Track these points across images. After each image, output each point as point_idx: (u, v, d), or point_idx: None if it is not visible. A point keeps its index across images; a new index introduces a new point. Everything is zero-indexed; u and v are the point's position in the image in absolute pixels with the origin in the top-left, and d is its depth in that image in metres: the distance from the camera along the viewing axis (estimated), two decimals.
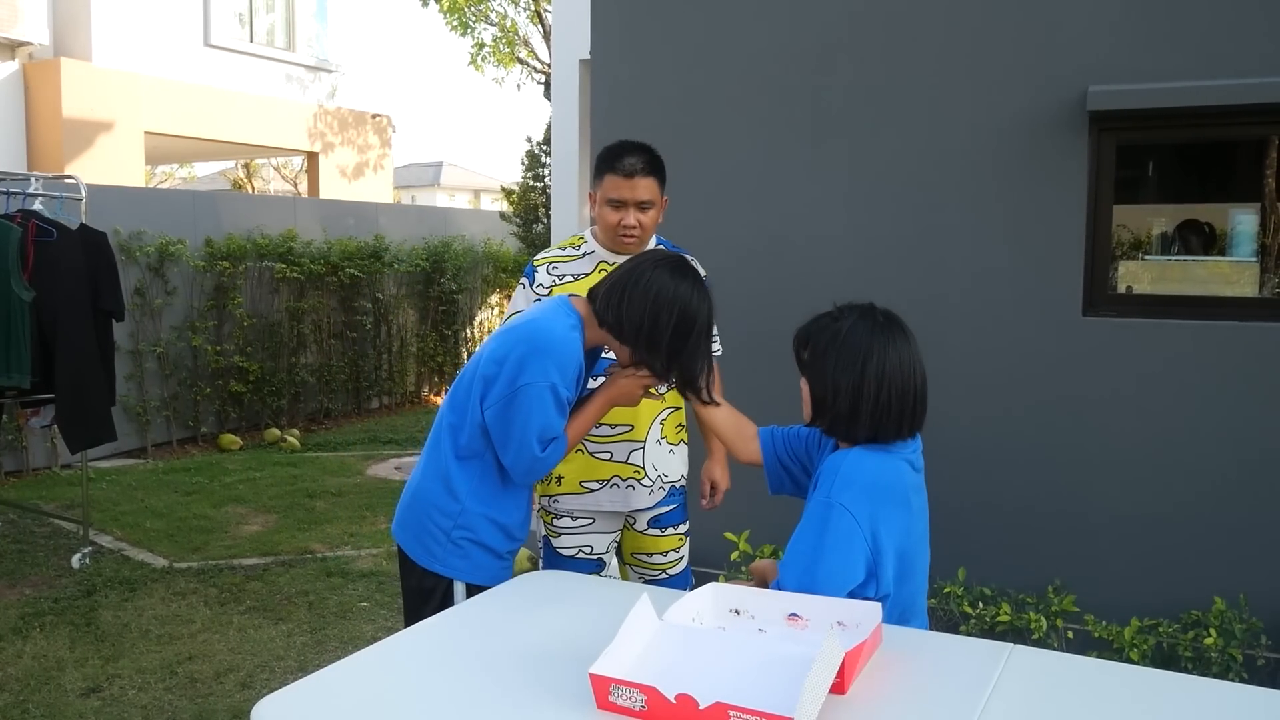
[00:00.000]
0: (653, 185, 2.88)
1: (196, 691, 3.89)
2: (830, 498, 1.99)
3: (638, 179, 2.84)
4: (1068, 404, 4.01)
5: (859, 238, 4.35)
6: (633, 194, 2.84)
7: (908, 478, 2.08)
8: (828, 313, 2.17)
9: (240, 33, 13.73)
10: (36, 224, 5.18)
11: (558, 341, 2.38)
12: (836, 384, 2.08)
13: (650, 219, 2.91)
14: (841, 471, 2.02)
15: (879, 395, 2.04)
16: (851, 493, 1.99)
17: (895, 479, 2.05)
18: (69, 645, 4.31)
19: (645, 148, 2.92)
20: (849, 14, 4.33)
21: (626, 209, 2.86)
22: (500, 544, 2.54)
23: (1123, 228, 4.13)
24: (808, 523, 2.03)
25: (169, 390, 8.60)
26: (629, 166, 2.84)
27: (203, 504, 6.76)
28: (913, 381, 2.07)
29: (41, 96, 11.17)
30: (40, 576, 5.24)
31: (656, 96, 4.73)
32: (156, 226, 8.40)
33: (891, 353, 2.07)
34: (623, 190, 2.85)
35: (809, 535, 2.02)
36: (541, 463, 2.42)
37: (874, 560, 2.00)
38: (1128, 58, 3.87)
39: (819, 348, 2.13)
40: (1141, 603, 3.81)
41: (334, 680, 1.82)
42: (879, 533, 2.00)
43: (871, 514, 1.99)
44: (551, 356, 2.36)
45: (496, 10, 16.66)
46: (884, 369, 2.05)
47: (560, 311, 2.45)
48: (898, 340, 2.09)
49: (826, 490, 2.01)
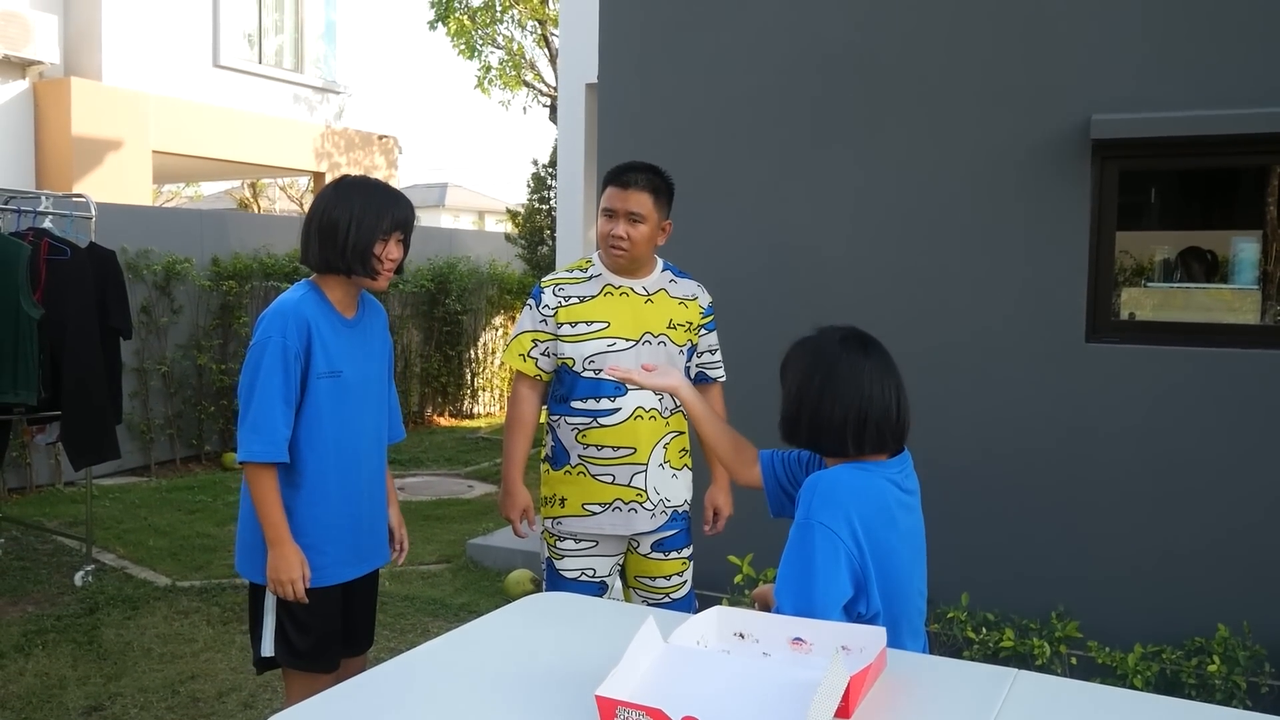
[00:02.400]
0: (646, 200, 2.90)
1: (199, 711, 3.89)
2: (809, 517, 2.01)
3: (631, 190, 2.88)
4: (1071, 429, 4.03)
5: (862, 262, 4.38)
6: (624, 204, 2.88)
7: (890, 495, 2.09)
8: (808, 334, 2.21)
9: (249, 53, 13.85)
10: (49, 242, 5.22)
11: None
12: (799, 398, 2.13)
13: (640, 235, 2.91)
14: (819, 489, 2.03)
15: (832, 412, 2.07)
16: (829, 509, 2.00)
17: (876, 495, 2.06)
18: (71, 663, 4.31)
19: (653, 168, 2.96)
20: (854, 38, 4.37)
21: (617, 219, 2.89)
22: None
23: (1125, 254, 4.15)
24: (791, 545, 2.05)
25: (173, 408, 8.63)
26: (627, 179, 2.88)
27: (206, 522, 6.76)
28: (874, 402, 2.08)
29: (51, 115, 11.25)
30: (43, 594, 5.25)
31: (662, 119, 4.77)
32: (164, 245, 8.45)
33: (843, 365, 2.09)
34: (615, 200, 2.89)
35: (795, 558, 2.04)
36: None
37: (860, 574, 2.01)
38: (1131, 87, 3.90)
39: (789, 364, 2.19)
40: (1145, 629, 3.81)
41: (339, 701, 1.83)
42: (862, 548, 2.01)
43: (852, 530, 2.00)
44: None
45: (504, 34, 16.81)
46: (832, 379, 2.08)
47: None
48: (854, 355, 2.11)
49: (805, 510, 2.03)
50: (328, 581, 2.75)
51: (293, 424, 2.66)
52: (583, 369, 2.93)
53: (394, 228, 2.72)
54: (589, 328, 2.94)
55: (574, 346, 2.93)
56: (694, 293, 3.09)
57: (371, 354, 2.84)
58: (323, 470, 2.71)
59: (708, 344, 3.14)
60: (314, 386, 2.67)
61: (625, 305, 2.97)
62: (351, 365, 2.75)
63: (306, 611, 2.70)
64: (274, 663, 2.78)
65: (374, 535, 2.90)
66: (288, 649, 2.73)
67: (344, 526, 2.77)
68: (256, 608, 2.78)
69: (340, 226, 2.66)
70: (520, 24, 16.80)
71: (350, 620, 2.89)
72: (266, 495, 2.63)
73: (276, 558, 2.63)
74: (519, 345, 3.02)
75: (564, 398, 2.98)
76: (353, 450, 2.77)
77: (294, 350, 2.62)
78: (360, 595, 2.93)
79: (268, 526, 2.63)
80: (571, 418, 2.96)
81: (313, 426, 2.69)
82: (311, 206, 2.77)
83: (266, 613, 2.74)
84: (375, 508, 2.89)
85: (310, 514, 2.72)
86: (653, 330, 2.95)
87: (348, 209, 2.67)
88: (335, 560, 2.77)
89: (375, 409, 2.86)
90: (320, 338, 2.67)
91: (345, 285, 2.75)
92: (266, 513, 2.63)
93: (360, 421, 2.79)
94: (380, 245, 2.69)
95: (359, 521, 2.82)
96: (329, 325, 2.71)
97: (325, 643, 2.74)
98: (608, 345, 2.92)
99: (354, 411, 2.76)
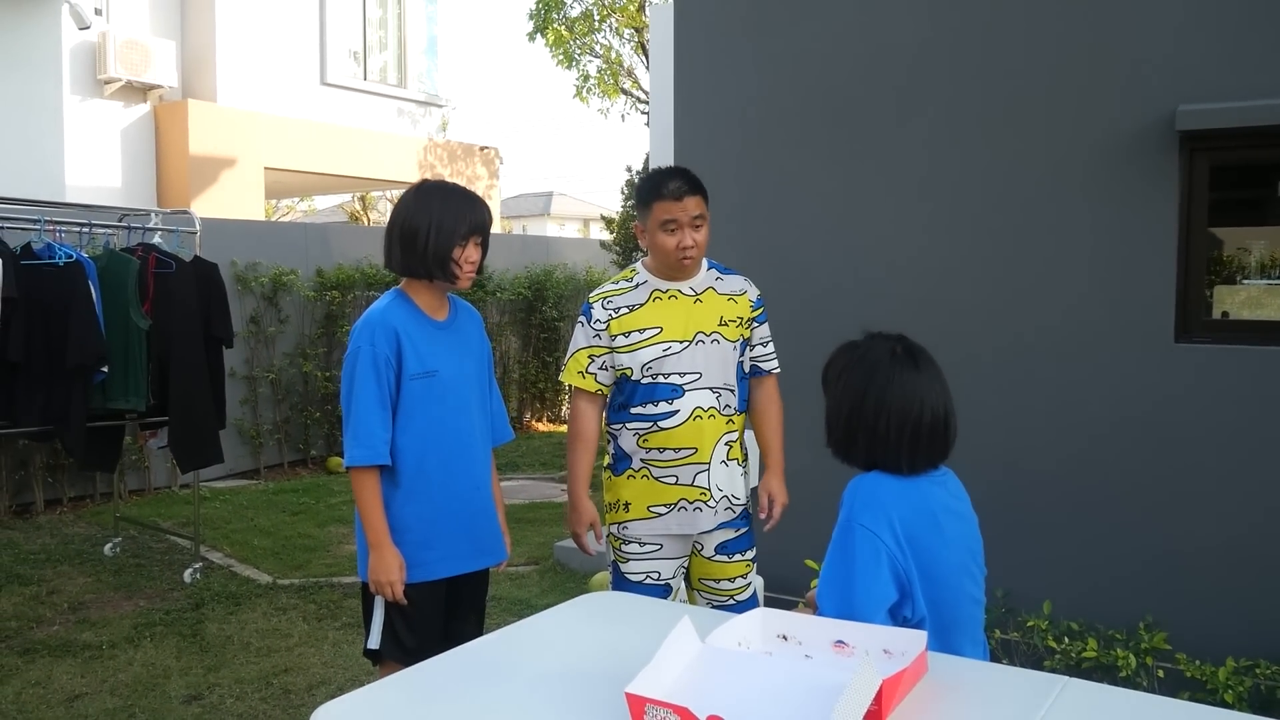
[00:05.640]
0: (699, 202, 2.95)
1: (289, 702, 4.05)
2: (851, 519, 2.01)
3: (686, 198, 2.92)
4: (1159, 433, 3.88)
5: (938, 263, 4.30)
6: (685, 213, 2.91)
7: (936, 500, 2.07)
8: (854, 340, 2.19)
9: (355, 70, 14.31)
10: (156, 256, 5.51)
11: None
12: (840, 407, 2.12)
13: (704, 236, 2.97)
14: (860, 493, 2.03)
15: (875, 424, 2.06)
16: (871, 512, 2.00)
17: (920, 499, 2.04)
18: (175, 655, 4.54)
19: (683, 170, 2.99)
20: (930, 33, 4.31)
21: (682, 229, 2.92)
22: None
23: (1222, 251, 3.98)
24: (834, 548, 2.04)
25: (281, 414, 8.97)
26: (676, 190, 2.91)
27: (308, 524, 7.02)
28: (917, 415, 2.06)
29: (170, 136, 11.84)
30: (154, 589, 5.53)
31: (737, 120, 4.77)
32: (271, 258, 8.81)
33: (896, 383, 2.07)
34: (675, 211, 2.91)
35: (836, 561, 2.03)
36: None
37: (904, 577, 2.00)
38: (1219, 75, 3.75)
39: (834, 372, 2.18)
40: (1238, 642, 3.64)
41: (390, 690, 1.90)
42: (904, 551, 1.99)
43: (894, 532, 1.99)
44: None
45: (601, 43, 16.98)
46: (884, 398, 2.06)
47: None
48: (907, 371, 2.09)
49: (847, 513, 2.02)
50: (434, 576, 2.83)
51: (390, 426, 2.76)
52: (641, 377, 2.96)
53: (471, 232, 2.80)
54: (642, 335, 2.97)
55: (630, 356, 2.97)
56: (742, 287, 3.11)
57: (468, 353, 2.92)
58: (423, 467, 2.79)
59: (760, 336, 3.13)
60: (409, 387, 2.76)
61: (675, 308, 2.99)
62: (447, 364, 2.82)
63: (413, 608, 2.79)
64: (381, 655, 2.86)
65: (484, 532, 2.95)
66: (395, 644, 2.82)
67: (450, 523, 2.84)
68: (368, 603, 2.88)
69: (420, 233, 2.76)
70: (618, 32, 16.96)
71: (455, 619, 2.94)
72: (368, 499, 2.73)
73: (376, 560, 2.74)
74: (576, 363, 3.07)
75: (623, 405, 3.02)
76: (455, 447, 2.84)
77: (384, 356, 2.72)
78: (467, 591, 2.97)
79: (369, 530, 2.74)
80: (632, 424, 2.99)
81: (410, 425, 2.77)
82: (392, 213, 2.86)
83: (376, 608, 2.84)
84: (483, 504, 2.94)
85: (414, 510, 2.80)
86: (705, 330, 2.97)
87: (426, 216, 2.77)
88: (442, 556, 2.84)
89: (476, 407, 2.92)
90: (410, 341, 2.76)
91: (430, 289, 2.85)
92: (368, 516, 2.74)
93: (460, 419, 2.86)
94: (459, 250, 2.78)
95: (466, 517, 2.88)
96: (419, 328, 2.80)
97: (431, 640, 2.80)
98: (663, 350, 2.95)
99: (453, 409, 2.83)
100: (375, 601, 2.83)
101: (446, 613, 2.91)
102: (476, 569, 2.96)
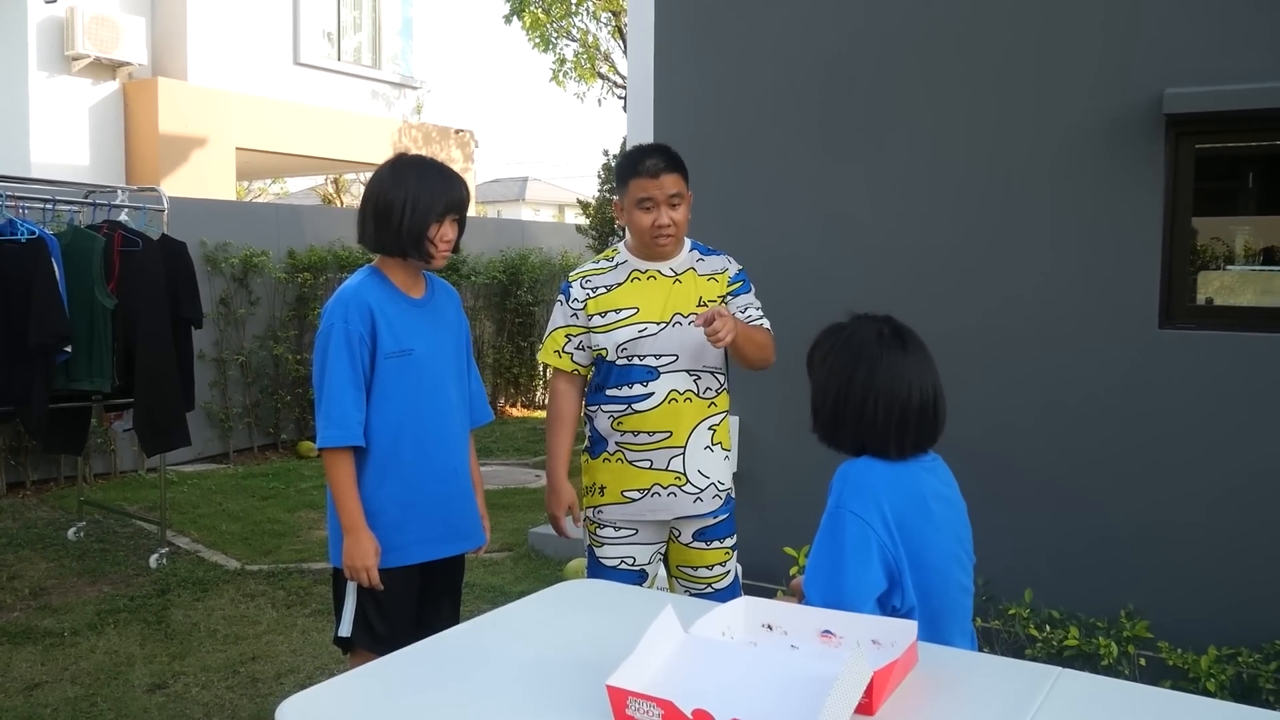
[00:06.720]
0: (678, 180, 2.87)
1: (257, 691, 3.96)
2: (840, 505, 1.94)
3: (663, 176, 2.84)
4: (1143, 419, 3.85)
5: (921, 247, 4.25)
6: (661, 190, 2.84)
7: (926, 485, 2.01)
8: (840, 321, 2.12)
9: (328, 50, 14.11)
10: (123, 234, 5.37)
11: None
12: (826, 390, 2.06)
13: (681, 215, 2.89)
14: (850, 478, 1.97)
15: (863, 407, 2.00)
16: (861, 498, 1.94)
17: (910, 485, 1.99)
18: (140, 642, 4.43)
19: (662, 147, 2.92)
20: (914, 13, 4.25)
21: (658, 208, 2.84)
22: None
23: (1201, 236, 3.95)
24: (822, 535, 1.98)
25: (251, 398, 8.84)
26: (652, 166, 2.84)
27: (277, 509, 6.91)
28: (905, 397, 2.00)
29: (140, 114, 11.61)
30: (119, 575, 5.41)
31: (718, 102, 4.70)
32: (241, 239, 8.65)
33: (883, 365, 2.01)
34: (651, 189, 2.84)
35: (824, 548, 1.97)
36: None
37: (894, 566, 1.94)
38: (1206, 58, 3.71)
39: (819, 354, 2.12)
40: (1221, 631, 3.62)
41: (359, 682, 1.82)
42: (895, 538, 1.93)
43: (884, 519, 1.93)
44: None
45: (578, 27, 16.83)
46: (871, 380, 2.00)
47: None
48: (894, 353, 2.03)
49: (836, 499, 1.96)
50: (408, 561, 2.74)
51: (364, 406, 2.67)
52: (616, 358, 2.89)
53: (448, 210, 2.71)
54: (618, 315, 2.90)
55: (606, 336, 2.90)
56: (723, 266, 3.02)
57: (445, 332, 2.83)
58: (398, 449, 2.70)
59: (739, 305, 2.99)
60: (383, 366, 2.67)
61: (653, 289, 2.92)
62: (423, 343, 2.73)
63: (387, 594, 2.70)
64: (352, 644, 2.77)
65: (461, 516, 2.85)
66: (366, 631, 2.73)
67: (425, 506, 2.76)
68: (339, 589, 2.79)
69: (395, 209, 2.66)
70: (594, 16, 16.80)
71: (428, 606, 2.85)
72: (341, 481, 2.65)
73: (350, 544, 2.64)
74: (553, 342, 3.00)
75: (599, 386, 2.95)
76: (431, 428, 2.75)
77: (357, 334, 2.63)
78: (443, 577, 2.88)
79: (343, 513, 2.65)
80: (607, 405, 2.92)
81: (385, 405, 2.69)
82: (367, 187, 2.75)
83: (348, 595, 2.75)
84: (460, 487, 2.85)
85: (388, 493, 2.71)
86: (682, 310, 2.90)
87: (402, 191, 2.67)
88: (417, 540, 2.75)
89: (453, 387, 2.83)
90: (385, 318, 2.67)
91: (405, 266, 2.76)
92: (341, 499, 2.65)
93: (437, 399, 2.77)
94: (435, 228, 2.69)
95: (442, 501, 2.79)
96: (394, 306, 2.71)
97: (403, 627, 2.71)
98: (639, 331, 2.87)
99: (430, 389, 2.75)
100: (347, 588, 2.74)
101: (420, 599, 2.83)
102: (452, 554, 2.87)
